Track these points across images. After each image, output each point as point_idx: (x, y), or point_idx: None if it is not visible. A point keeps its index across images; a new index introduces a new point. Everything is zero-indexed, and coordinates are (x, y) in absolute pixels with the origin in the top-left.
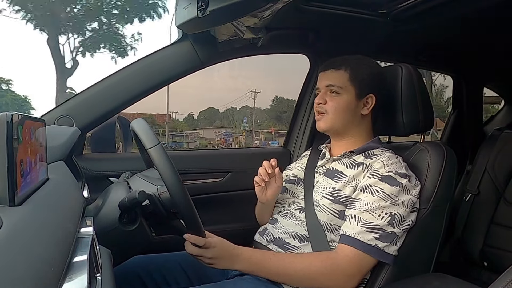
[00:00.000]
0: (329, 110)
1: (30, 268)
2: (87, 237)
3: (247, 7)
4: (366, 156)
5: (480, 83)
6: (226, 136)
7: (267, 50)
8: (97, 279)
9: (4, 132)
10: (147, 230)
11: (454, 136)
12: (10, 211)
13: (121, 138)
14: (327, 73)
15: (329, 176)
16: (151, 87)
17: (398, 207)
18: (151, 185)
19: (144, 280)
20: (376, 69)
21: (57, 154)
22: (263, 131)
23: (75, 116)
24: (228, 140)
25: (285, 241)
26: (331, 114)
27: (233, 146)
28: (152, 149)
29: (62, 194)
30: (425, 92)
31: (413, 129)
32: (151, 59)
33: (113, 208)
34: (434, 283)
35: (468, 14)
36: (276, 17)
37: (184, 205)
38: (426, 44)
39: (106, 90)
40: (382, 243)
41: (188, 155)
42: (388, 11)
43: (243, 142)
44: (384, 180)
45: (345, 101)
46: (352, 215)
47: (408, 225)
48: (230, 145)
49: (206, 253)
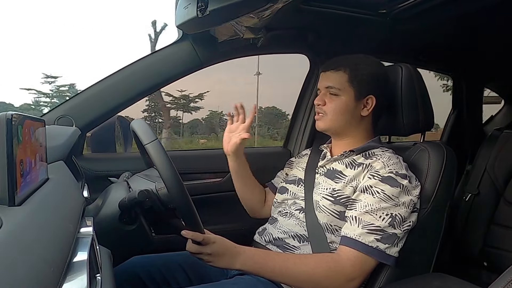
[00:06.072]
0: (328, 111)
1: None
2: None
3: (247, 7)
4: (366, 156)
5: (480, 83)
6: None
7: (267, 50)
8: (97, 279)
9: (4, 132)
10: (147, 230)
11: (454, 136)
12: (10, 211)
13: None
14: (327, 74)
15: (329, 177)
16: (151, 87)
17: (399, 208)
18: (151, 183)
19: (144, 280)
20: (377, 69)
21: (57, 154)
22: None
23: (75, 116)
24: None
25: (284, 241)
26: (330, 115)
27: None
28: (149, 145)
29: (62, 194)
30: (425, 92)
31: (413, 129)
32: (151, 59)
33: (113, 208)
34: (434, 283)
35: (468, 14)
36: (276, 17)
37: (182, 200)
38: (426, 44)
39: (106, 90)
40: (384, 245)
41: (188, 155)
42: (388, 11)
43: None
44: (384, 181)
45: (344, 103)
46: (352, 216)
47: (409, 226)
48: None
49: (205, 250)
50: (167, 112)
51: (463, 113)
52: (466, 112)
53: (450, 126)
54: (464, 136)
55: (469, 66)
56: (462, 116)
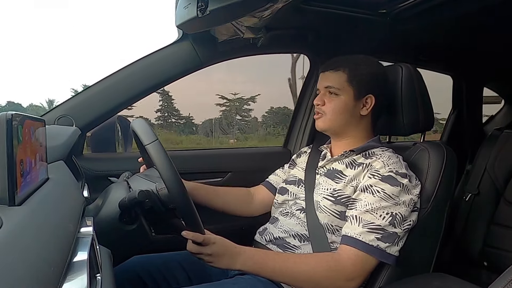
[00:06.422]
0: (327, 111)
1: (30, 268)
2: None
3: (247, 7)
4: (366, 156)
5: (480, 83)
6: None
7: (267, 50)
8: (97, 279)
9: (4, 132)
10: (147, 230)
11: (454, 136)
12: (10, 211)
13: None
14: (326, 74)
15: (329, 177)
16: (151, 87)
17: (399, 207)
18: (151, 183)
19: (144, 280)
20: (376, 69)
21: (57, 154)
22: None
23: (75, 116)
24: None
25: (285, 241)
26: (329, 115)
27: None
28: (150, 145)
29: (62, 194)
30: (425, 92)
31: (413, 129)
32: (151, 59)
33: (113, 208)
34: (434, 283)
35: (468, 14)
36: (276, 17)
37: (182, 200)
38: (426, 44)
39: (106, 90)
40: (384, 244)
41: (188, 155)
42: (388, 11)
43: None
44: (384, 180)
45: (343, 102)
46: (353, 215)
47: (409, 225)
48: None
49: (205, 250)
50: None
51: (463, 113)
52: (466, 112)
53: (450, 126)
54: (464, 136)
55: (469, 66)
56: (462, 116)
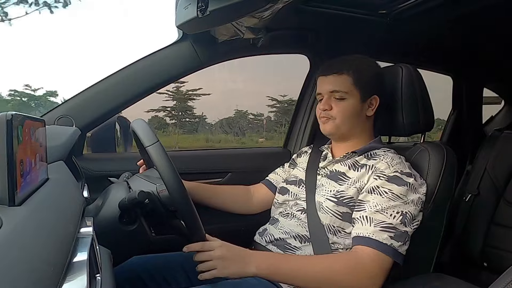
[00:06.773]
0: (336, 116)
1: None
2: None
3: (247, 8)
4: (368, 157)
5: (480, 83)
6: None
7: (267, 50)
8: (97, 279)
9: (4, 132)
10: (147, 230)
11: (454, 136)
12: (10, 211)
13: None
14: (329, 78)
15: (332, 179)
16: (151, 87)
17: (408, 206)
18: (151, 184)
19: (144, 280)
20: (378, 70)
21: (57, 154)
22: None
23: (75, 116)
24: None
25: (286, 241)
26: (339, 119)
27: None
28: (151, 147)
29: (62, 194)
30: (425, 92)
31: (413, 129)
32: (151, 59)
33: (113, 208)
34: (434, 283)
35: (467, 14)
36: (276, 18)
37: (183, 203)
38: (426, 44)
39: (106, 90)
40: (397, 243)
41: (188, 155)
42: (388, 11)
43: None
44: (391, 181)
45: (351, 105)
46: (363, 216)
47: (417, 224)
48: None
49: (214, 253)
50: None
51: (463, 113)
52: (466, 112)
53: (450, 126)
54: (464, 136)
55: (469, 66)
56: (462, 116)
